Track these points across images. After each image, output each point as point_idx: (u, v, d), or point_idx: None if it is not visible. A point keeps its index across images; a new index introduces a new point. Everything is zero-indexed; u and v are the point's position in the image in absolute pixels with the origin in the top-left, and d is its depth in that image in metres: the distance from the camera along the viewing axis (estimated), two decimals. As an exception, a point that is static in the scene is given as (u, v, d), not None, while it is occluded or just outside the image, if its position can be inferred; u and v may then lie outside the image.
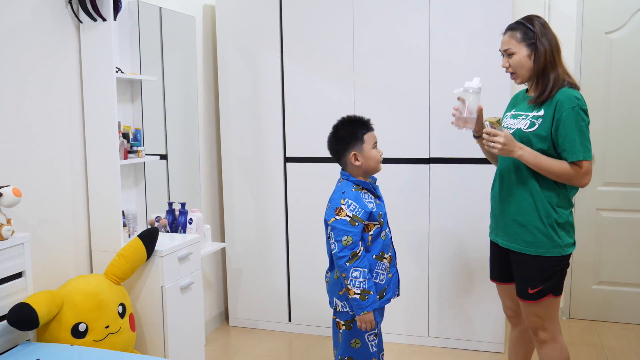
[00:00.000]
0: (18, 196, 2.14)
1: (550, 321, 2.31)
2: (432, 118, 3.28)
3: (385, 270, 2.33)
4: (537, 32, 2.22)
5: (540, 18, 2.27)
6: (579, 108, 2.16)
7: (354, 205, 2.22)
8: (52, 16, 2.54)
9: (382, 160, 2.35)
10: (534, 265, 2.25)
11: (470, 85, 2.22)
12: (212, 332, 3.76)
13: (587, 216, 3.79)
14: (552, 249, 2.23)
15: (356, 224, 2.21)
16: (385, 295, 2.33)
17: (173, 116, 3.39)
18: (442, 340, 3.44)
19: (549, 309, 2.30)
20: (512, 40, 2.26)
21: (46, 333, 2.26)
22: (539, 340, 2.34)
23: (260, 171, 3.65)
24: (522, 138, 2.24)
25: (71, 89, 2.65)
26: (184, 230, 3.14)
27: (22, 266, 2.19)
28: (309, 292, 3.63)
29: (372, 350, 2.35)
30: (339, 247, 2.20)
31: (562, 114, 2.16)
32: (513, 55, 2.26)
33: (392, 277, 2.37)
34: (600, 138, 3.72)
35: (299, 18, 3.45)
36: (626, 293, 3.78)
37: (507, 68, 2.30)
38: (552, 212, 2.23)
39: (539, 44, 2.21)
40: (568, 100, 2.16)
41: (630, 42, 3.62)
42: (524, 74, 2.27)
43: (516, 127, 2.29)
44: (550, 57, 2.21)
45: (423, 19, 3.23)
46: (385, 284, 2.33)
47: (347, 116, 2.36)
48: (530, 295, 2.27)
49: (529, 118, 2.26)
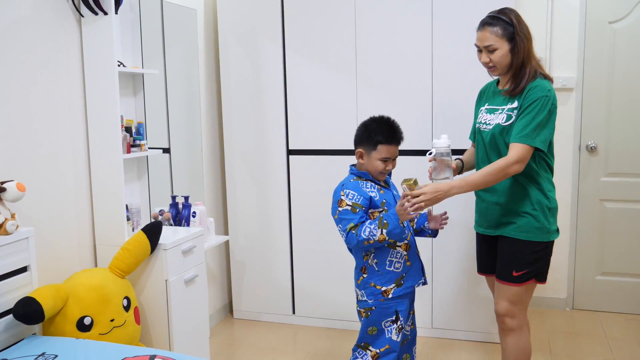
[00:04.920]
0: (22, 191, 2.14)
1: (520, 308, 2.35)
2: (434, 110, 3.27)
3: (401, 258, 2.34)
4: (515, 25, 2.23)
5: (513, 10, 2.29)
6: (546, 99, 2.19)
7: (352, 194, 2.28)
8: (54, 10, 2.53)
9: (387, 173, 2.35)
10: (523, 249, 2.30)
11: (440, 144, 2.32)
12: (216, 324, 3.77)
13: (591, 207, 3.79)
14: (541, 234, 2.28)
15: (357, 211, 2.26)
16: (403, 283, 2.34)
17: (175, 109, 3.39)
18: (445, 331, 3.44)
19: (524, 295, 2.34)
20: (493, 36, 2.26)
21: (51, 327, 2.27)
22: (505, 328, 2.37)
23: (263, 164, 3.65)
24: (502, 132, 2.28)
25: (73, 83, 2.64)
26: (188, 224, 3.14)
27: (27, 260, 2.20)
28: (313, 284, 3.64)
29: (388, 336, 2.35)
30: (347, 236, 2.25)
31: (526, 101, 2.20)
32: (495, 51, 2.26)
33: (410, 265, 2.37)
34: (604, 128, 3.71)
35: (300, 10, 3.44)
36: (630, 283, 3.78)
37: (488, 63, 2.31)
38: (544, 198, 2.28)
39: (518, 39, 2.23)
40: (538, 91, 2.20)
41: (633, 32, 3.59)
42: (504, 67, 2.29)
43: (495, 122, 2.31)
44: (527, 51, 2.24)
45: (426, 12, 3.21)
46: (402, 272, 2.34)
47: (385, 118, 2.34)
48: (514, 277, 2.31)
49: (505, 111, 2.29)
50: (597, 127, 3.73)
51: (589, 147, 3.74)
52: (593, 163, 3.76)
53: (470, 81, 2.82)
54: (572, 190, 3.81)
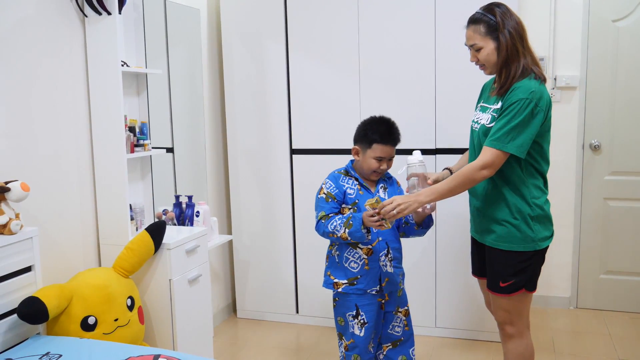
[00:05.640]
0: (26, 191, 2.14)
1: (518, 316, 2.26)
2: (438, 109, 3.26)
3: (360, 260, 2.37)
4: (498, 23, 2.14)
5: (502, 5, 2.19)
6: (527, 102, 2.07)
7: (329, 184, 2.38)
8: (57, 10, 2.53)
9: (380, 173, 2.38)
10: (505, 260, 2.21)
11: (414, 160, 2.36)
12: (220, 324, 3.78)
13: (594, 205, 3.78)
14: (524, 243, 2.17)
15: (329, 201, 2.35)
16: (356, 283, 2.37)
17: (179, 109, 3.39)
18: (449, 330, 3.44)
19: (519, 304, 2.25)
20: (476, 35, 2.20)
21: (56, 326, 2.27)
22: (505, 335, 2.31)
23: (267, 163, 3.65)
24: (485, 133, 2.19)
25: (77, 83, 2.65)
26: (191, 223, 3.15)
27: (31, 260, 2.20)
28: (317, 283, 3.63)
29: (351, 331, 2.39)
30: (317, 223, 2.36)
31: (506, 103, 2.11)
32: (481, 49, 2.20)
33: (369, 270, 2.37)
34: (607, 127, 3.70)
35: (303, 9, 3.44)
36: (634, 282, 3.77)
37: (477, 62, 2.26)
38: (525, 206, 2.17)
39: (501, 36, 2.14)
40: (519, 92, 2.09)
41: (637, 30, 3.58)
42: (492, 66, 2.22)
43: (482, 122, 2.25)
44: (512, 48, 2.14)
45: (429, 10, 3.21)
46: (357, 273, 2.38)
47: (385, 119, 2.38)
48: (502, 288, 2.22)
49: (490, 112, 2.22)
50: (600, 126, 3.72)
51: (592, 146, 3.73)
52: (597, 162, 3.75)
53: (474, 79, 2.81)
54: (576, 189, 3.80)
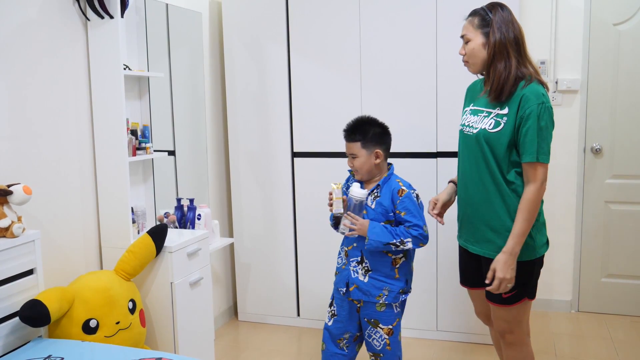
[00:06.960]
0: (28, 194, 2.15)
1: (518, 325, 2.22)
2: (439, 112, 3.27)
3: (341, 258, 2.53)
4: (493, 20, 2.09)
5: (506, 8, 2.14)
6: (544, 106, 2.02)
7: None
8: (60, 14, 2.54)
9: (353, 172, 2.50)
10: None
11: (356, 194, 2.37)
12: (221, 326, 3.78)
13: (596, 209, 3.78)
14: (527, 252, 2.11)
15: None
16: (335, 277, 2.54)
17: (180, 112, 3.40)
18: (450, 333, 3.44)
19: (520, 313, 2.20)
20: (469, 26, 2.16)
21: (57, 329, 2.28)
22: (505, 343, 2.28)
23: (268, 166, 3.66)
24: (488, 139, 2.11)
25: (79, 86, 2.66)
26: (193, 226, 3.15)
27: (33, 263, 2.21)
28: (318, 286, 3.64)
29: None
30: None
31: (526, 111, 2.02)
32: (469, 42, 2.15)
33: (343, 269, 2.48)
34: (609, 130, 3.70)
35: (305, 12, 3.45)
36: (635, 286, 3.77)
37: (463, 56, 2.20)
38: None
39: (491, 33, 2.08)
40: (534, 96, 2.02)
41: (638, 34, 3.59)
42: (477, 63, 2.15)
43: (480, 127, 2.14)
44: (501, 48, 2.07)
45: (430, 14, 3.21)
46: (337, 268, 2.54)
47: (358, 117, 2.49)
48: (504, 300, 2.16)
49: (493, 117, 2.12)
50: (602, 129, 3.72)
51: (593, 149, 3.74)
52: (598, 165, 3.75)
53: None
54: (577, 193, 3.80)
